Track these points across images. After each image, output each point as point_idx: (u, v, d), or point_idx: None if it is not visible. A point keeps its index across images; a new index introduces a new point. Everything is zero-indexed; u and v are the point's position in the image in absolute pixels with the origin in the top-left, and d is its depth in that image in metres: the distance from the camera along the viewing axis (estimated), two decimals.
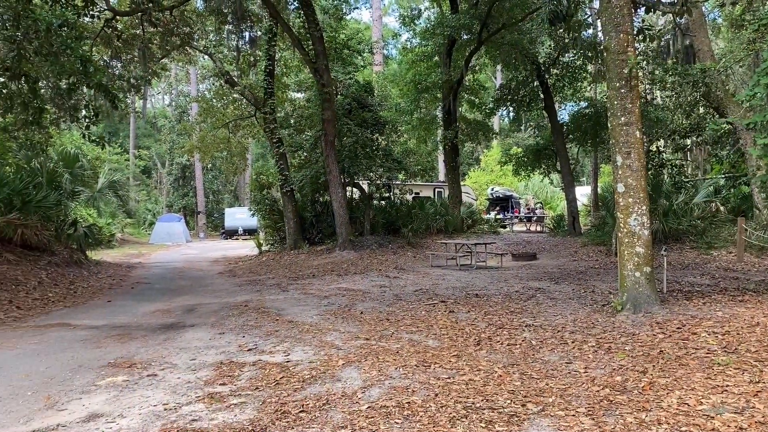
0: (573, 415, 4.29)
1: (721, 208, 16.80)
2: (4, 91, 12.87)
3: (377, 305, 9.47)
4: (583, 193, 31.91)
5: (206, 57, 24.07)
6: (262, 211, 22.75)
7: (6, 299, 10.57)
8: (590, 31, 20.70)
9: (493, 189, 37.31)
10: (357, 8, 53.11)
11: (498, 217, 31.46)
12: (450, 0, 23.46)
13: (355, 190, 21.95)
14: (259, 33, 20.92)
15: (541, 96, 23.61)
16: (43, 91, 13.15)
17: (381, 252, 17.69)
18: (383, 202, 22.99)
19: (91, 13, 14.44)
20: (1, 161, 18.77)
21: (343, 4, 21.99)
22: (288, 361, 6.01)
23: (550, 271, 13.62)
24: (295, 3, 19.21)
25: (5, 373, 5.86)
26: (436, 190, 30.33)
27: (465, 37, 22.30)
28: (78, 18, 13.54)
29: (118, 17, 16.36)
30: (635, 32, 9.95)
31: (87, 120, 13.43)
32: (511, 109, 26.11)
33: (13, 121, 13.54)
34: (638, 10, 10.50)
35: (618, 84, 7.97)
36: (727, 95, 15.56)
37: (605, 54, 8.35)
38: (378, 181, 21.56)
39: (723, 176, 18.21)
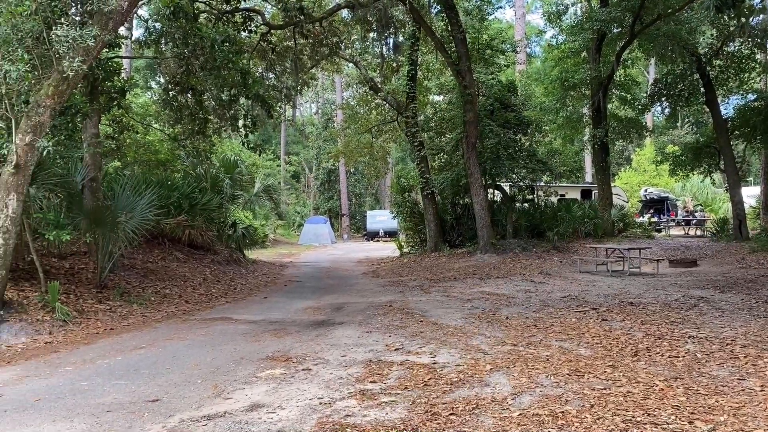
0: None
1: None
2: (174, 104, 14.15)
3: (523, 311, 9.23)
4: (750, 195, 29.02)
5: (351, 65, 24.94)
6: (402, 214, 23.06)
7: (176, 294, 11.66)
8: (761, 16, 18.77)
9: (646, 190, 35.11)
10: (500, 7, 52.24)
11: (652, 220, 29.54)
12: None
13: (496, 192, 21.60)
14: (402, 38, 21.30)
15: (702, 90, 21.82)
16: (206, 102, 14.23)
17: (524, 256, 17.24)
18: (526, 205, 22.43)
19: (248, 28, 15.56)
20: (171, 168, 20.74)
21: (486, 5, 21.76)
22: (435, 363, 6.02)
23: (713, 278, 12.51)
24: (438, 7, 19.30)
25: (179, 362, 6.43)
26: (584, 191, 29.01)
27: (616, 30, 21.20)
28: (238, 33, 14.61)
29: (272, 31, 17.45)
30: None
31: (245, 129, 14.40)
32: (666, 104, 24.33)
33: (181, 131, 14.79)
34: None
35: None
36: None
37: None
38: (521, 183, 21.06)
39: None
